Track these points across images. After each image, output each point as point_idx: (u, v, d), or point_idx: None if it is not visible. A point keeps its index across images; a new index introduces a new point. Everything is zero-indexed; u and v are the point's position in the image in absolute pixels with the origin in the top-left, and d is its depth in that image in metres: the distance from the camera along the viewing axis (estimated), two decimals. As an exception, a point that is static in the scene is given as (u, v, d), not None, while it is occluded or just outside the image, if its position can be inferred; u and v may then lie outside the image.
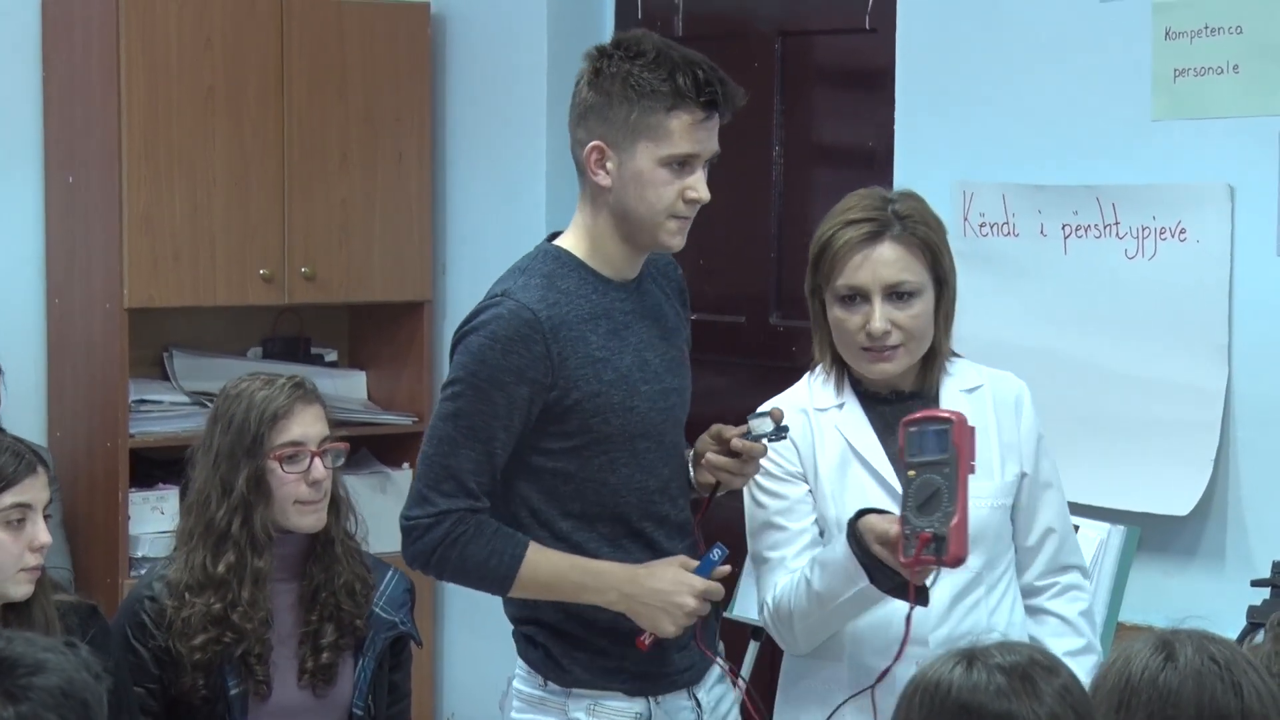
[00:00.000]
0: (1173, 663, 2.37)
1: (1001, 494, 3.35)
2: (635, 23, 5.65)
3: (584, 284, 3.34)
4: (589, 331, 3.31)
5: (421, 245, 5.94)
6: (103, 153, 5.54)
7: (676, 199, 3.29)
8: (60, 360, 5.75)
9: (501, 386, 3.27)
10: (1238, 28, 4.19)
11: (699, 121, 3.26)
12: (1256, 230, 4.16)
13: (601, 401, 3.31)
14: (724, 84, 3.28)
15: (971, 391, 3.38)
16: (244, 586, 3.65)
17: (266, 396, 3.69)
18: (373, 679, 3.78)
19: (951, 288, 3.37)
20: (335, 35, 5.77)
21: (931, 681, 2.32)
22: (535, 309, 3.28)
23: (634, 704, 3.43)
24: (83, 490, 5.63)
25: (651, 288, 3.45)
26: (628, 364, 3.34)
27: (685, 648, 3.45)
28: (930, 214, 3.37)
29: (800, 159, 5.31)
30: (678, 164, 3.28)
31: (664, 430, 3.39)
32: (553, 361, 3.27)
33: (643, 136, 3.26)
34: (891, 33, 4.87)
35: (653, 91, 3.24)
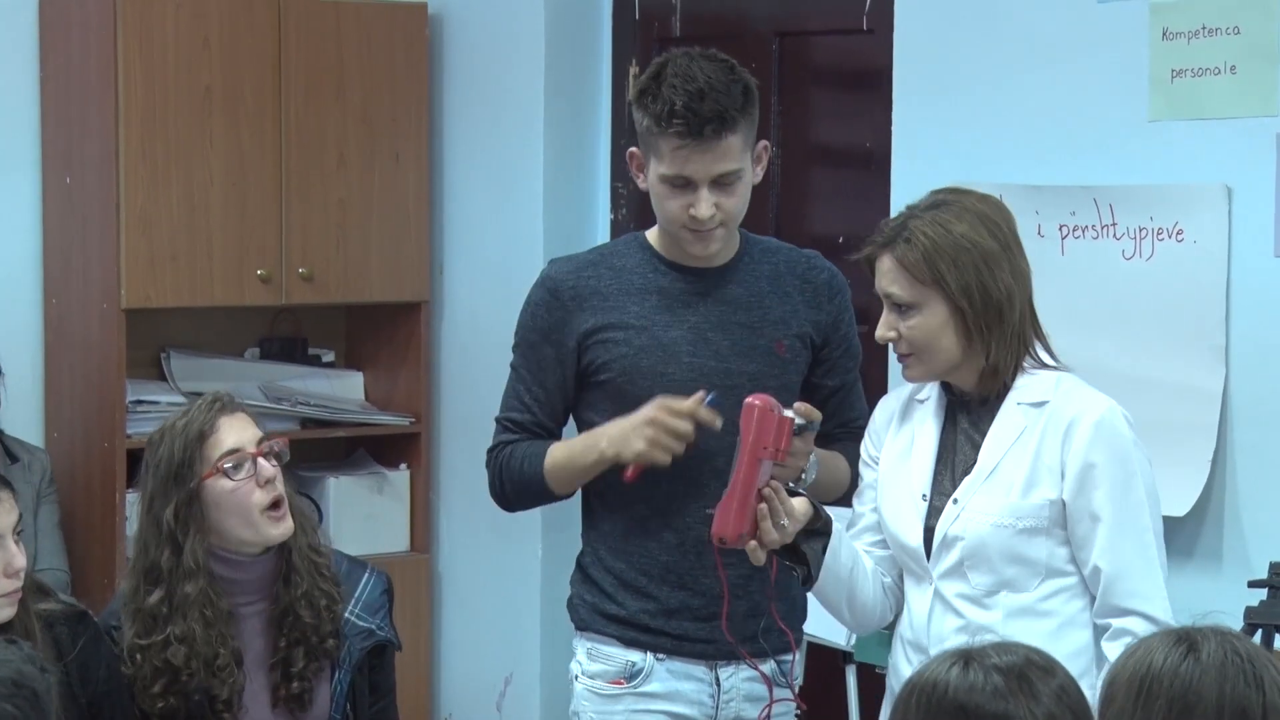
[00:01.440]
0: (1195, 655, 2.36)
1: (1012, 514, 3.30)
2: (632, 24, 5.65)
3: (644, 264, 3.64)
4: (632, 302, 3.61)
5: (419, 246, 5.94)
6: (100, 153, 5.54)
7: (682, 214, 3.53)
8: (58, 361, 5.75)
9: (531, 345, 3.67)
10: (1235, 28, 4.19)
11: (682, 147, 3.48)
12: (1254, 231, 4.16)
13: (629, 363, 3.59)
14: (700, 116, 3.44)
15: (1035, 406, 3.33)
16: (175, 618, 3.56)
17: (188, 422, 3.63)
18: (351, 689, 3.72)
19: (979, 299, 3.30)
20: (333, 36, 5.77)
21: (929, 682, 2.33)
22: (559, 278, 3.64)
23: (629, 653, 3.60)
24: (80, 491, 5.63)
25: (759, 281, 3.64)
26: (675, 336, 3.60)
27: (708, 619, 3.56)
28: (952, 226, 3.31)
29: (798, 160, 5.31)
30: (677, 183, 3.52)
31: (714, 406, 3.52)
32: (571, 326, 3.61)
33: (652, 153, 3.55)
34: (889, 33, 4.87)
35: (650, 114, 3.51)
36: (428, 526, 6.04)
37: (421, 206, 5.94)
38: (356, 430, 5.95)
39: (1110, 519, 3.27)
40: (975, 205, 3.36)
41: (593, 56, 5.71)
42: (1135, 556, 3.29)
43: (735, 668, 3.63)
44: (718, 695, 3.62)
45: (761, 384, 3.56)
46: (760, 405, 3.31)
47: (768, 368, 3.62)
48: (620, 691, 3.62)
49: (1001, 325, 3.32)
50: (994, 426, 3.35)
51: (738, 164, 3.51)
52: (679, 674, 3.61)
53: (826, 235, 5.29)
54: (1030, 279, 3.41)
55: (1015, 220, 3.42)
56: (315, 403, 5.86)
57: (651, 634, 3.61)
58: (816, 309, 3.69)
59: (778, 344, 3.63)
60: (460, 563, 6.03)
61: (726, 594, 3.53)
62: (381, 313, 6.04)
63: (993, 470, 3.33)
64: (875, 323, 3.43)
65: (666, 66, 3.53)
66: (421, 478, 6.00)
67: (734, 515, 3.30)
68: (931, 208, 3.36)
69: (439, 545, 6.07)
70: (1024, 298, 3.37)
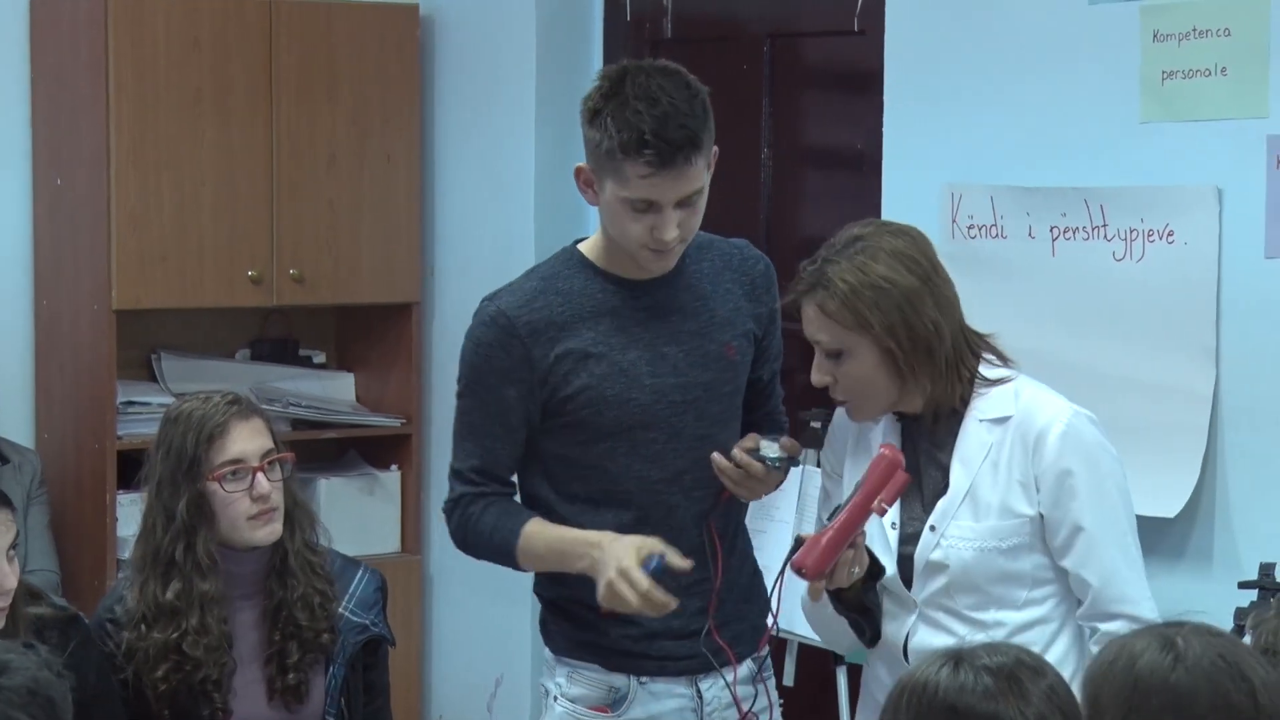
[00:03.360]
0: (1181, 662, 2.36)
1: (994, 536, 3.27)
2: (624, 26, 5.65)
3: (590, 284, 3.47)
4: (585, 329, 3.45)
5: (410, 247, 5.94)
6: (91, 154, 5.54)
7: (645, 234, 3.37)
8: (48, 361, 5.74)
9: (489, 389, 3.47)
10: (1226, 30, 4.19)
11: (650, 174, 3.31)
12: (1244, 232, 4.16)
13: (594, 394, 3.43)
14: (672, 144, 3.29)
15: (998, 422, 3.29)
16: (192, 613, 3.60)
17: (203, 416, 3.62)
18: (345, 685, 3.73)
19: (907, 339, 3.24)
20: (324, 36, 5.77)
21: (919, 683, 2.33)
22: (512, 314, 3.45)
23: (612, 678, 3.54)
24: (70, 492, 5.62)
25: (701, 284, 3.53)
26: (632, 358, 3.46)
27: (689, 635, 3.50)
28: (870, 269, 3.25)
29: (789, 161, 5.31)
30: (640, 206, 3.35)
31: (676, 422, 3.47)
32: (533, 361, 3.43)
33: (609, 175, 3.35)
34: (880, 35, 4.87)
35: (612, 138, 3.31)
36: (419, 527, 6.04)
37: (413, 208, 5.94)
38: (347, 431, 5.95)
39: (1091, 527, 3.25)
40: (890, 243, 3.29)
41: (584, 58, 5.71)
42: (1118, 561, 3.27)
43: (715, 678, 3.57)
44: (700, 708, 3.58)
45: (717, 391, 3.50)
46: (891, 459, 3.21)
47: (721, 374, 3.52)
48: (603, 719, 3.56)
49: (932, 359, 3.26)
50: (959, 447, 3.30)
51: (700, 182, 3.39)
52: (661, 694, 3.55)
53: (817, 237, 5.24)
54: (957, 303, 3.33)
55: (933, 246, 3.36)
56: (306, 404, 5.86)
57: (634, 658, 3.54)
58: (756, 302, 3.59)
59: (727, 347, 3.52)
60: (451, 564, 6.02)
61: (716, 595, 3.49)
62: (372, 314, 6.03)
63: (966, 493, 3.28)
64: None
65: (624, 85, 3.34)
66: (412, 479, 6.00)
67: (823, 552, 3.19)
68: (847, 248, 3.29)
69: (430, 546, 6.07)
70: (954, 325, 3.30)
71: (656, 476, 3.48)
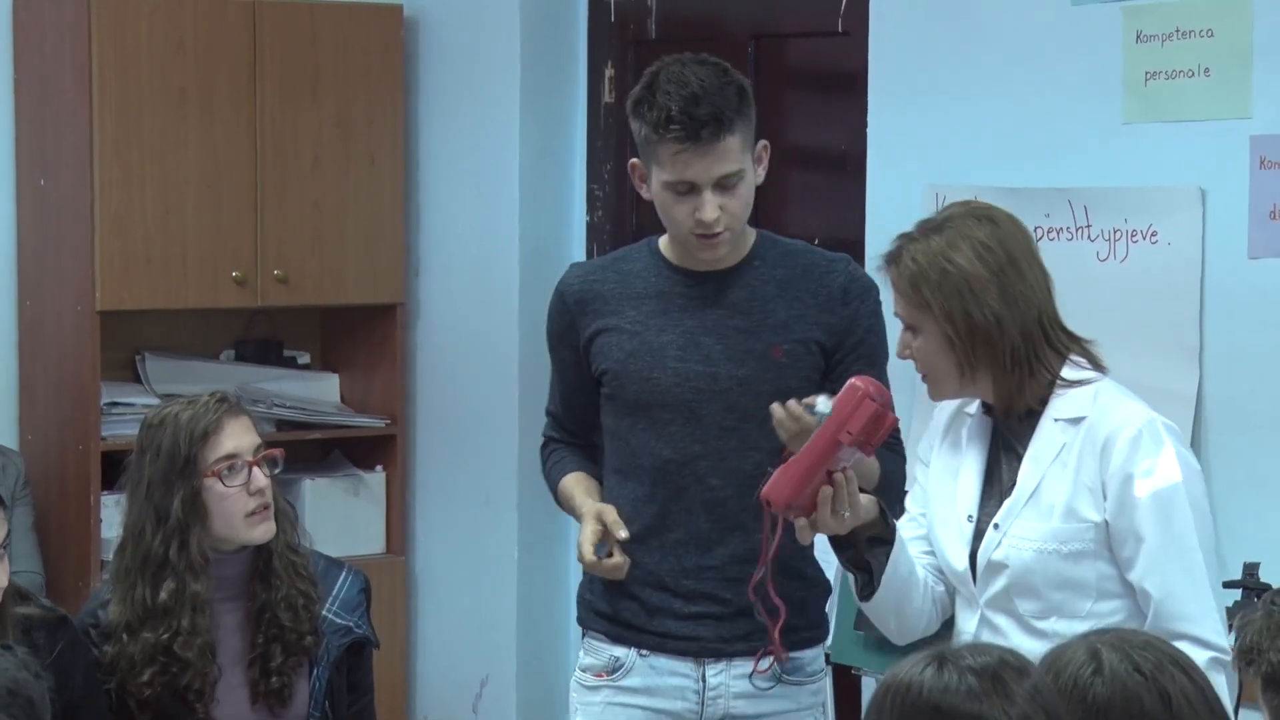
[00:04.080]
0: (1100, 675, 2.38)
1: (1054, 538, 3.21)
2: (608, 26, 5.65)
3: (650, 268, 3.66)
4: (630, 306, 3.65)
5: (394, 248, 5.94)
6: (74, 155, 5.53)
7: (688, 219, 3.53)
8: (32, 363, 5.73)
9: (552, 349, 3.79)
10: (1209, 31, 4.20)
11: (681, 152, 3.47)
12: (1227, 233, 4.17)
13: (620, 368, 3.63)
14: (696, 121, 3.46)
15: (1073, 423, 3.24)
16: (184, 613, 3.59)
17: (193, 416, 3.63)
18: (329, 687, 3.73)
19: (963, 326, 3.22)
20: (308, 37, 5.76)
21: (903, 683, 2.33)
22: (568, 283, 3.72)
23: (614, 648, 3.67)
24: (54, 493, 5.62)
25: (764, 285, 3.62)
26: (665, 341, 3.61)
27: (689, 618, 3.61)
28: (939, 250, 3.25)
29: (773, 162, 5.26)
30: (680, 188, 3.51)
31: (698, 408, 3.58)
32: (578, 329, 3.68)
33: (653, 162, 3.54)
34: (864, 36, 4.88)
35: (648, 122, 3.50)
36: (404, 528, 6.03)
37: (397, 209, 5.94)
38: (332, 432, 5.95)
39: (1154, 539, 3.16)
40: (971, 229, 3.27)
41: (568, 59, 5.71)
42: (1181, 577, 3.17)
43: (725, 665, 3.63)
44: (703, 692, 3.64)
45: (752, 388, 3.55)
46: (862, 389, 3.19)
47: (760, 372, 3.58)
48: (600, 684, 3.68)
49: (992, 351, 3.23)
50: (1031, 445, 3.26)
51: (738, 164, 3.52)
52: (662, 670, 3.65)
53: (802, 237, 5.25)
54: (1036, 300, 3.27)
55: (1024, 239, 3.31)
56: (291, 405, 5.86)
57: (635, 631, 3.66)
58: (829, 312, 3.63)
59: (774, 348, 3.59)
60: (437, 565, 6.02)
61: (766, 555, 3.44)
62: (357, 315, 6.03)
63: (1033, 493, 3.24)
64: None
65: (659, 74, 3.52)
66: (397, 480, 5.99)
67: (787, 482, 3.21)
68: (928, 229, 3.30)
69: (415, 547, 6.07)
70: (1025, 321, 3.24)
71: (669, 456, 3.60)
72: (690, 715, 3.65)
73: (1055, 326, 3.31)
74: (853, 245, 4.96)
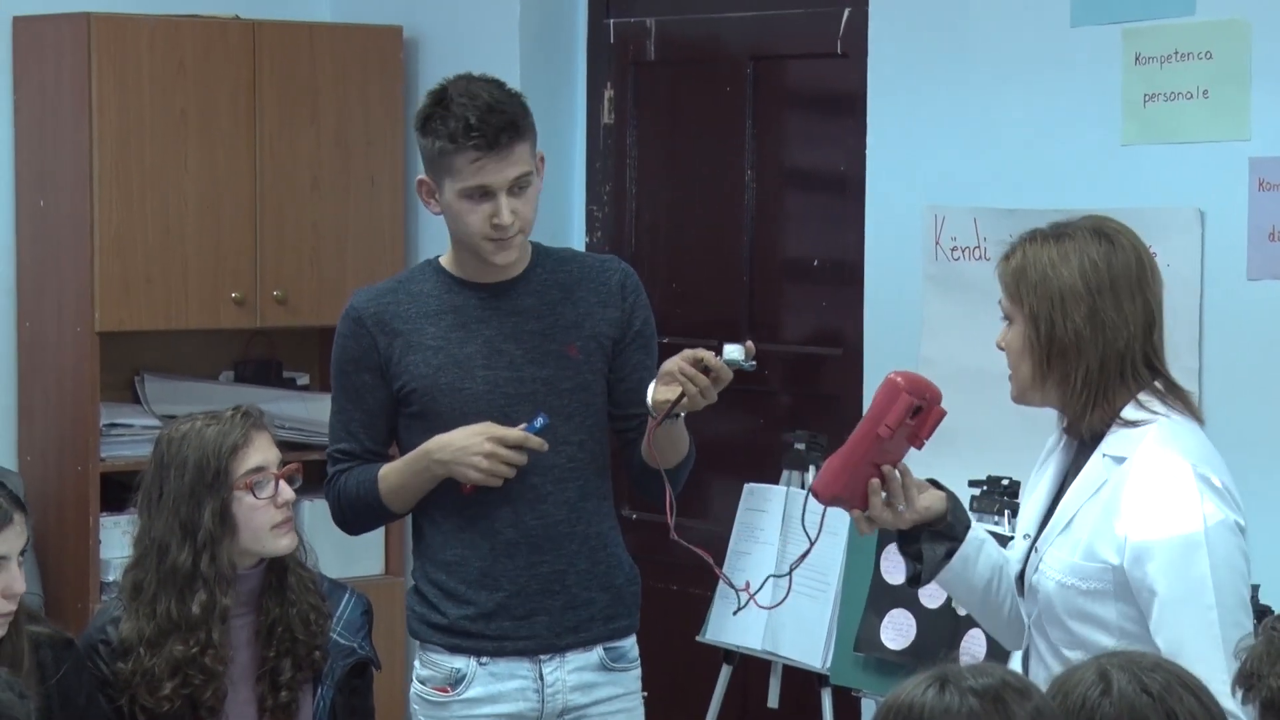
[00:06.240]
0: (1108, 695, 2.38)
1: (1075, 573, 3.16)
2: (607, 48, 5.66)
3: (438, 286, 3.83)
4: (429, 325, 3.79)
5: (393, 269, 5.91)
6: (74, 176, 5.53)
7: (484, 224, 3.71)
8: (31, 384, 5.73)
9: (347, 374, 3.86)
10: (1207, 53, 4.21)
11: (479, 158, 3.67)
12: (1226, 254, 4.17)
13: (430, 383, 3.77)
14: (494, 127, 3.67)
15: (1117, 461, 3.18)
16: (214, 626, 3.61)
17: (220, 431, 3.67)
18: (332, 707, 3.74)
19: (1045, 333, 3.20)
20: (307, 59, 5.77)
21: (904, 704, 2.33)
22: (361, 308, 3.84)
23: (453, 660, 3.79)
24: (53, 514, 5.61)
25: (549, 290, 3.82)
26: (469, 352, 3.78)
27: (527, 617, 3.76)
28: (1048, 254, 3.24)
29: (772, 183, 5.32)
30: (476, 195, 3.70)
31: (511, 412, 3.75)
32: (380, 350, 3.80)
33: (445, 173, 3.73)
34: (863, 57, 4.88)
35: (442, 135, 3.70)
36: (402, 549, 6.02)
37: (396, 230, 5.94)
38: (331, 453, 5.94)
39: (1166, 594, 3.08)
40: (1087, 245, 3.25)
41: (568, 80, 5.72)
42: (1193, 635, 3.06)
43: (560, 660, 3.79)
44: (542, 689, 3.78)
45: (555, 386, 3.78)
46: (898, 383, 3.23)
47: (560, 370, 3.79)
48: (446, 699, 3.80)
49: (1065, 366, 3.20)
50: (1079, 476, 3.24)
51: (529, 167, 3.71)
52: (502, 675, 3.78)
53: (801, 259, 5.30)
54: (1125, 334, 3.20)
55: (1136, 270, 3.26)
56: (290, 426, 5.85)
57: (473, 638, 3.78)
58: (611, 307, 3.85)
59: (569, 347, 3.80)
60: (434, 586, 6.02)
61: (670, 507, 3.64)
62: (356, 336, 6.02)
63: (1067, 524, 3.21)
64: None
65: (447, 90, 3.73)
66: (396, 501, 5.98)
67: (829, 474, 3.28)
68: (1049, 234, 3.29)
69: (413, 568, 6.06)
70: (1107, 350, 3.19)
71: None
72: (533, 714, 3.78)
73: (1139, 363, 3.24)
74: (852, 266, 4.97)
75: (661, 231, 5.59)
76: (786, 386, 5.22)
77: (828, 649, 4.53)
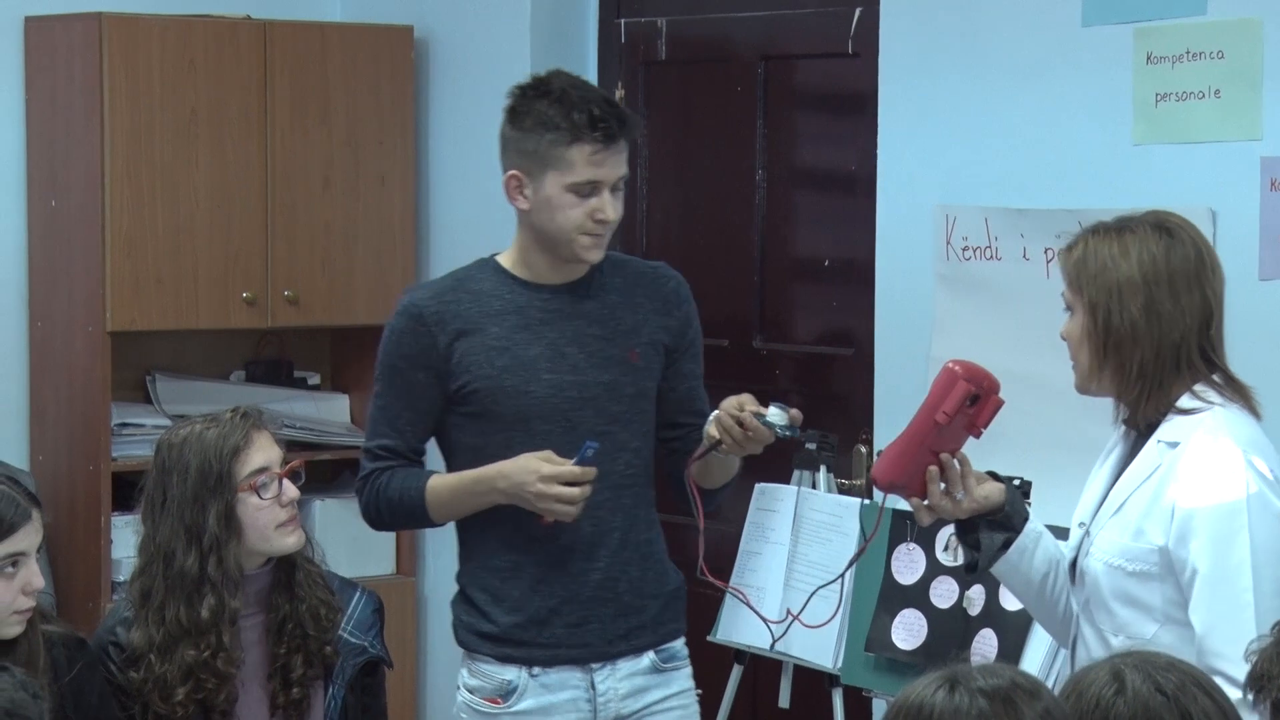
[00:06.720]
0: (1122, 695, 2.38)
1: (1123, 554, 3.23)
2: (618, 47, 5.66)
3: (500, 286, 3.78)
4: (491, 324, 3.75)
5: (404, 268, 5.94)
6: (85, 176, 5.54)
7: (585, 219, 3.68)
8: (42, 383, 5.74)
9: (399, 372, 3.78)
10: (1219, 53, 4.20)
11: (598, 152, 3.65)
12: (1238, 255, 4.16)
13: (493, 384, 3.72)
14: (619, 119, 3.68)
15: (1171, 446, 3.24)
16: (225, 628, 3.61)
17: (220, 434, 3.65)
18: (344, 706, 3.75)
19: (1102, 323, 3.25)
20: (318, 58, 5.77)
21: (914, 705, 2.33)
22: (422, 305, 3.78)
23: (504, 671, 3.76)
24: (64, 514, 5.61)
25: (608, 295, 3.80)
26: (533, 354, 3.74)
27: (579, 625, 3.73)
28: (1109, 245, 3.28)
29: (783, 183, 5.32)
30: (583, 190, 3.67)
31: (573, 416, 3.74)
32: (439, 349, 3.74)
33: (550, 167, 3.67)
34: (874, 57, 4.88)
35: (555, 127, 3.65)
36: (413, 549, 6.03)
37: (407, 229, 5.94)
38: (342, 453, 5.94)
39: (1206, 573, 3.14)
40: (1147, 239, 3.28)
41: (578, 80, 5.71)
42: (1226, 613, 3.13)
43: (611, 668, 3.76)
44: (594, 699, 3.76)
45: (617, 392, 3.75)
46: (955, 371, 3.30)
47: (622, 375, 3.77)
48: (497, 711, 3.77)
49: (1120, 357, 3.25)
50: (1134, 463, 3.29)
51: (627, 169, 3.73)
52: (553, 686, 3.75)
53: (812, 258, 5.30)
54: (1181, 326, 3.26)
55: (1196, 265, 3.30)
56: (301, 425, 5.86)
57: (525, 647, 3.75)
58: (666, 315, 3.84)
59: (631, 352, 3.78)
60: (446, 585, 5.98)
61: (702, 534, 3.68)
62: (367, 335, 6.01)
63: (1119, 507, 3.27)
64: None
65: (550, 84, 3.69)
66: (407, 501, 5.99)
67: (887, 461, 3.33)
68: (1111, 228, 3.32)
69: (424, 568, 6.06)
70: (1163, 342, 3.24)
71: None
72: None
73: (1195, 355, 3.28)
74: (863, 266, 4.97)
75: (672, 231, 5.59)
76: (797, 386, 5.22)
77: (839, 649, 4.53)
